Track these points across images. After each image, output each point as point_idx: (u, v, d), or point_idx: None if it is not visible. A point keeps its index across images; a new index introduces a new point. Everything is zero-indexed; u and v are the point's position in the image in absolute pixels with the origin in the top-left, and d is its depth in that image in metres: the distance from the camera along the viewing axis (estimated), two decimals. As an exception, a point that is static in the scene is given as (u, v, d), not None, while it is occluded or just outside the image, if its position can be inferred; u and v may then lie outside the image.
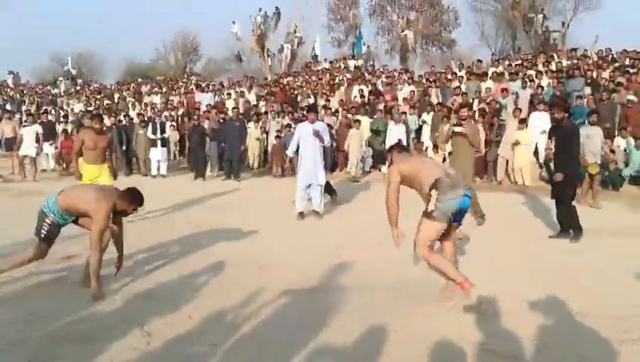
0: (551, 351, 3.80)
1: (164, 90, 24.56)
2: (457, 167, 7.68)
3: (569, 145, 7.27)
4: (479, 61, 19.73)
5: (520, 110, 12.84)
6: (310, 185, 8.90)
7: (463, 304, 4.56)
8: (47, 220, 5.00)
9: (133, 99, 22.75)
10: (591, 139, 9.90)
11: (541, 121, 13.13)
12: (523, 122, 12.70)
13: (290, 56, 31.46)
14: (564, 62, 17.04)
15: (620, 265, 5.98)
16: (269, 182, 14.01)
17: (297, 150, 9.10)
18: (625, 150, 12.01)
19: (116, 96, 25.42)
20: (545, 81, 14.81)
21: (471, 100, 14.82)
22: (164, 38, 41.56)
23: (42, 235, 5.01)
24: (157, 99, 22.43)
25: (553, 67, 16.67)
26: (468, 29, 34.53)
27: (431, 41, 33.62)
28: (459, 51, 34.11)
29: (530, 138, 12.66)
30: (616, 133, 12.49)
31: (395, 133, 13.74)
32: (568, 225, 7.32)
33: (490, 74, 16.46)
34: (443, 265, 4.58)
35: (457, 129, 8.06)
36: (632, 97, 12.71)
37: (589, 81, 14.14)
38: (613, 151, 11.68)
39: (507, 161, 12.74)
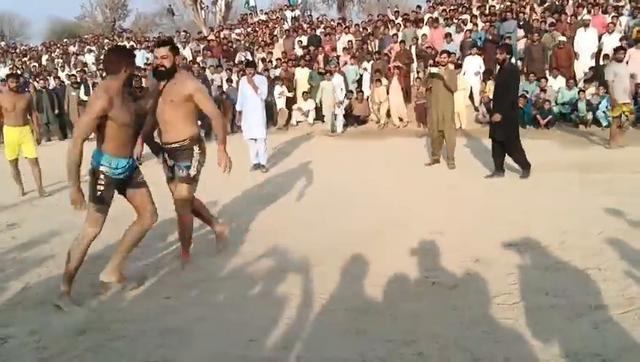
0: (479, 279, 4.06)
1: (93, 48, 23.54)
2: (436, 110, 8.51)
3: (511, 85, 7.56)
4: (418, 7, 19.76)
5: (455, 54, 13.07)
6: (256, 139, 9.00)
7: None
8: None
9: (62, 60, 21.76)
10: (619, 77, 9.28)
11: (475, 64, 13.47)
12: (458, 67, 12.98)
13: (225, 8, 30.62)
14: (497, 6, 17.30)
15: (542, 198, 6.39)
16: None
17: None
18: (557, 89, 12.49)
19: (44, 58, 24.19)
20: (480, 25, 15.05)
21: (408, 47, 14.96)
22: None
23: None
24: (88, 59, 21.53)
25: (487, 11, 16.89)
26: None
27: (366, -14, 33.37)
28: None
29: (465, 82, 12.99)
30: (548, 74, 12.97)
31: (337, 86, 13.65)
32: (521, 163, 7.65)
33: (425, 20, 16.57)
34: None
35: (434, 70, 8.66)
36: (562, 38, 13.14)
37: (521, 23, 14.47)
38: (544, 91, 12.12)
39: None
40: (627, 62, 10.63)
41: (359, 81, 14.86)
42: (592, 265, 4.20)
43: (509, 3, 16.49)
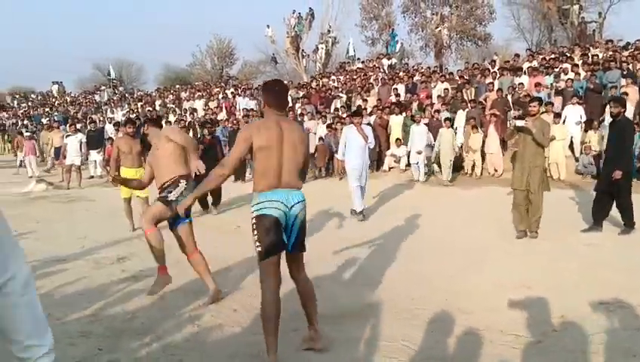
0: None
1: (202, 94, 25.21)
2: (521, 167, 7.35)
3: (628, 139, 7.44)
4: (517, 55, 19.62)
5: (552, 104, 12.85)
6: (362, 186, 9.20)
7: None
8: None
9: (174, 105, 23.44)
10: None
11: (576, 113, 13.15)
12: (558, 116, 12.74)
13: (325, 56, 31.82)
14: (600, 54, 16.83)
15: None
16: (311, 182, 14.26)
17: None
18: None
19: (157, 102, 26.20)
20: (582, 74, 14.69)
21: (505, 95, 14.85)
22: (200, 43, 42.12)
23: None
24: (197, 104, 23.06)
25: (589, 60, 16.47)
26: (503, 22, 34.04)
27: (466, 36, 33.41)
28: (495, 45, 33.84)
29: (565, 132, 12.69)
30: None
31: (418, 134, 13.52)
32: (627, 217, 7.44)
33: (524, 68, 16.41)
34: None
35: (520, 123, 7.38)
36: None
37: (624, 72, 13.99)
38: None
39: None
40: None
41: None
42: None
43: (612, 52, 16.01)
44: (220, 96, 23.96)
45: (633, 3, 30.44)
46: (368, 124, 12.12)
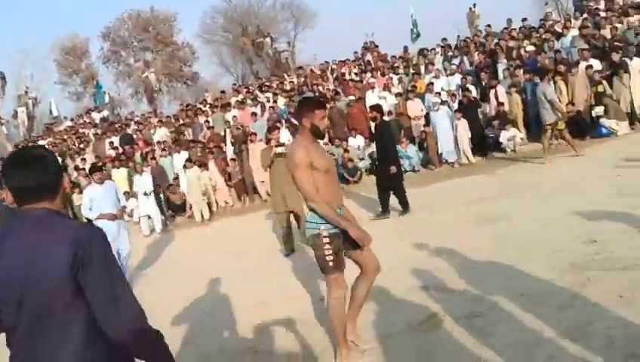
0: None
1: None
2: (280, 190, 7.80)
3: (388, 139, 8.79)
4: (222, 92, 20.69)
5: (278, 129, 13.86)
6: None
7: None
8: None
9: None
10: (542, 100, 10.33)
11: (285, 137, 14.46)
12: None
13: (28, 120, 29.19)
14: (295, 80, 18.84)
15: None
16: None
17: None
18: (357, 147, 13.88)
19: None
20: (281, 101, 16.24)
21: (223, 132, 15.60)
22: None
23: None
24: None
25: (287, 86, 18.29)
26: (207, 60, 35.55)
27: (174, 77, 34.07)
28: (204, 82, 35.13)
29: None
30: (348, 134, 14.36)
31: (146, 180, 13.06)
32: (404, 203, 8.83)
33: (233, 103, 17.45)
34: None
35: (279, 149, 7.91)
36: (351, 97, 14.83)
37: (317, 93, 15.93)
38: (347, 151, 13.39)
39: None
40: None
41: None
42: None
43: (303, 79, 18.07)
44: None
45: (314, 30, 34.49)
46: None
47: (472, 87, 13.55)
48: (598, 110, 11.51)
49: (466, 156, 12.72)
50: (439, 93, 13.71)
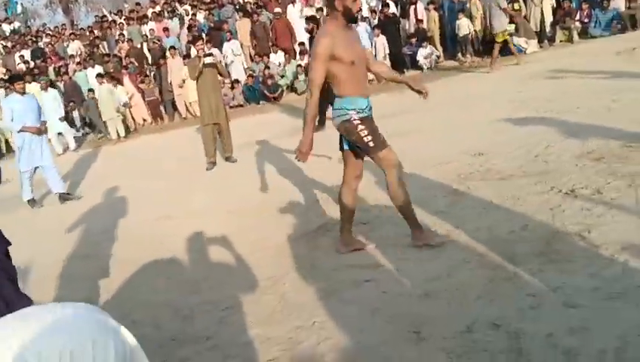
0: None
1: None
2: (208, 101, 7.76)
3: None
4: (137, 4, 19.64)
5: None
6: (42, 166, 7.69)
7: None
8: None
9: None
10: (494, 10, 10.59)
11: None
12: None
13: None
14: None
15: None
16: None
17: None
18: (278, 64, 13.75)
19: None
20: (201, 14, 15.68)
21: (138, 45, 15.02)
22: None
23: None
24: None
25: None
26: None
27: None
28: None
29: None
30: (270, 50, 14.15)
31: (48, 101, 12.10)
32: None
33: (150, 15, 16.69)
34: None
35: (208, 60, 7.73)
36: (277, 10, 14.45)
37: (237, 7, 15.44)
38: (268, 68, 13.27)
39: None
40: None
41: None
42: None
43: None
44: None
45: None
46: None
47: (392, 4, 13.52)
48: (510, 28, 11.80)
49: (384, 73, 12.86)
50: (360, 9, 13.59)
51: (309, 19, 9.12)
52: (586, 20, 12.62)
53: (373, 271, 3.58)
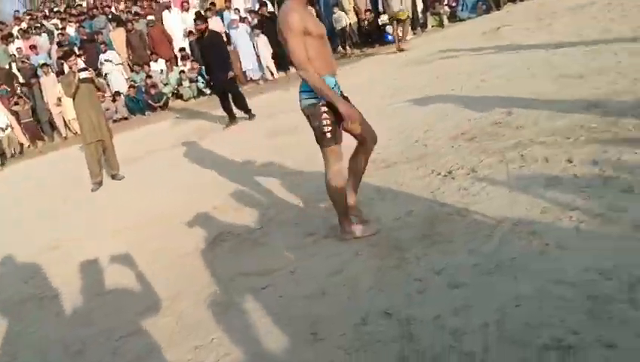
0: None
1: None
2: (89, 117, 7.47)
3: (223, 45, 9.26)
4: (2, 23, 18.28)
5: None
6: None
7: None
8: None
9: None
10: None
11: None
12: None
13: None
14: (84, 4, 17.30)
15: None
16: None
17: None
18: (160, 71, 13.39)
19: None
20: (72, 28, 14.90)
21: (7, 66, 14.03)
22: None
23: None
24: None
25: (75, 11, 16.75)
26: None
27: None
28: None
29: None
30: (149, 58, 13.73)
31: None
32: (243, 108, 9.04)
33: (15, 33, 15.62)
34: None
35: (84, 75, 7.50)
36: (150, 17, 14.10)
37: (110, 16, 14.83)
38: (150, 77, 12.88)
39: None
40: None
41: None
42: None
43: (93, 1, 16.64)
44: None
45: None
46: None
47: (269, 3, 13.55)
48: (384, 18, 12.23)
49: (270, 72, 12.90)
50: (238, 10, 13.53)
51: (199, 17, 8.98)
52: (454, 4, 13.33)
53: (270, 277, 3.59)
